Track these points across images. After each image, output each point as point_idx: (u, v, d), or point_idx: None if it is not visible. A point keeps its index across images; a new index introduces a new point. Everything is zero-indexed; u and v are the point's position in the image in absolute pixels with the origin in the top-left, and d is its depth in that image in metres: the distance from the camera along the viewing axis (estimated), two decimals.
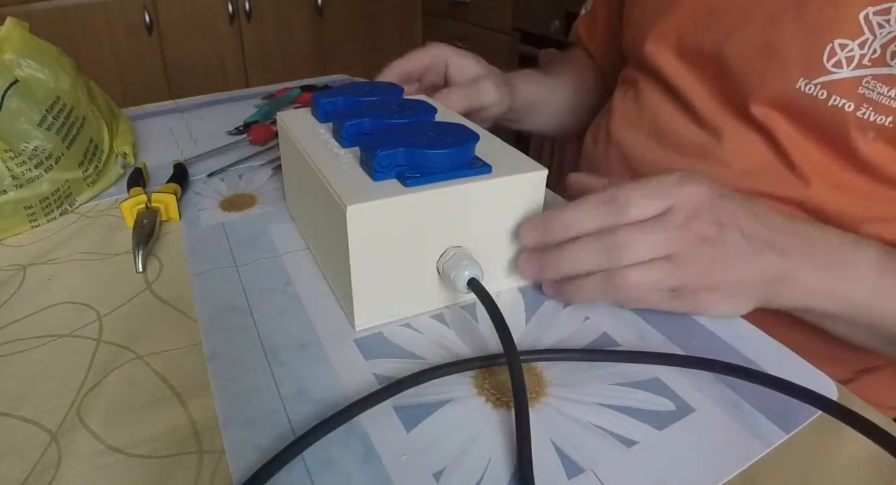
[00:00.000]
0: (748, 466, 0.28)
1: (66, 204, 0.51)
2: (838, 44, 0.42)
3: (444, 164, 0.36)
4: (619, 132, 0.58)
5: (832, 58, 0.42)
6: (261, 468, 0.27)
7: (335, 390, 0.33)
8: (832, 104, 0.42)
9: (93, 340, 0.37)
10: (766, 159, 0.48)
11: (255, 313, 0.39)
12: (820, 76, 0.42)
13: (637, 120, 0.57)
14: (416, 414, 0.31)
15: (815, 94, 0.43)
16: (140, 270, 0.43)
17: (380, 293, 0.36)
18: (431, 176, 0.35)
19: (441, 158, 0.35)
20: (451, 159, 0.36)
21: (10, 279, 0.43)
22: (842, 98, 0.42)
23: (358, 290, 0.36)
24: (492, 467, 0.28)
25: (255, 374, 0.34)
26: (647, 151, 0.55)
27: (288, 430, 0.30)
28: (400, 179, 0.35)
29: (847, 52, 0.41)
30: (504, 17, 1.87)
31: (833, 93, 0.42)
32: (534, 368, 0.34)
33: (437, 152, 0.35)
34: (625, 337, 0.36)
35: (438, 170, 0.35)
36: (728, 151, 0.49)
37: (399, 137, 0.36)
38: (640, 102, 0.57)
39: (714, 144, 0.50)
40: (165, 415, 0.31)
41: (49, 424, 0.31)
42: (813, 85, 0.43)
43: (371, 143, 0.36)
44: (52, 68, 0.50)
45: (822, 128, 0.44)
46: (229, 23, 1.99)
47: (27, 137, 0.47)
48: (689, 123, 0.52)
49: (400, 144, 0.35)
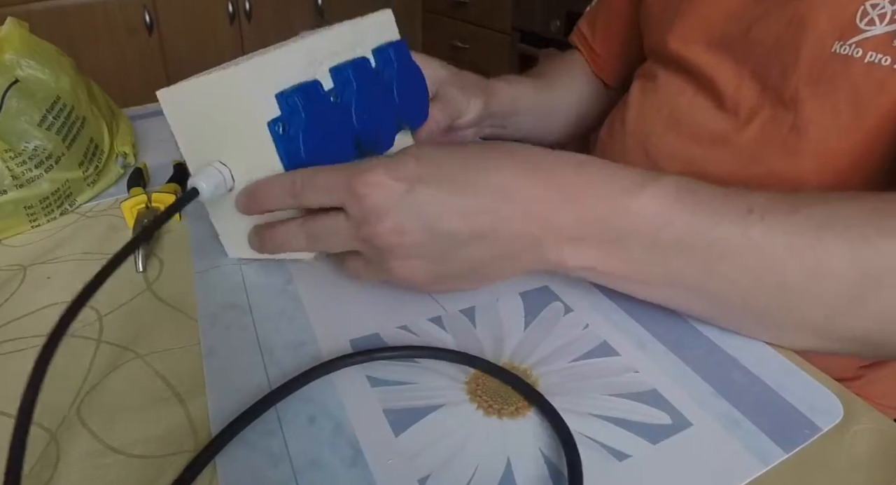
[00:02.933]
0: (745, 481, 0.28)
1: (66, 204, 0.51)
2: (869, 5, 0.42)
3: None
4: (636, 124, 0.58)
5: (864, 17, 0.42)
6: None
7: (327, 390, 0.33)
8: (868, 61, 0.43)
9: (93, 340, 0.37)
10: (784, 141, 0.48)
11: (254, 312, 0.39)
12: (854, 36, 0.43)
13: (655, 111, 0.57)
14: (406, 418, 0.31)
15: (851, 53, 0.43)
16: (140, 269, 0.43)
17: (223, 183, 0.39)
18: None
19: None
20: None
21: (11, 279, 0.43)
22: (877, 53, 0.42)
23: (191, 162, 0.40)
24: (478, 476, 0.28)
25: (249, 372, 0.34)
26: (665, 140, 0.56)
27: (277, 428, 0.30)
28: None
29: (879, 10, 0.42)
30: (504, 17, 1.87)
31: (868, 49, 0.42)
32: (530, 376, 0.34)
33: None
34: (624, 346, 0.36)
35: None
36: (748, 137, 0.50)
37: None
38: (658, 94, 0.57)
39: (735, 132, 0.50)
40: (165, 415, 0.31)
41: (49, 423, 0.31)
42: (848, 46, 0.43)
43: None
44: (53, 68, 0.50)
45: (855, 95, 0.44)
46: (229, 23, 1.99)
47: (27, 137, 0.47)
48: (712, 109, 0.52)
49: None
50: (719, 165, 0.51)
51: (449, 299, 0.39)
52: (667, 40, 0.55)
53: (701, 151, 0.52)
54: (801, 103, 0.46)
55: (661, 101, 0.57)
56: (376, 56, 0.46)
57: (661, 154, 0.55)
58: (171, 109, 0.38)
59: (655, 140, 0.56)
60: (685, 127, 0.54)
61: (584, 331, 0.37)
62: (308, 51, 0.40)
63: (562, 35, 1.62)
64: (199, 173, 0.38)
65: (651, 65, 0.60)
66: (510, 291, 0.40)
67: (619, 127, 0.61)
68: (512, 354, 0.35)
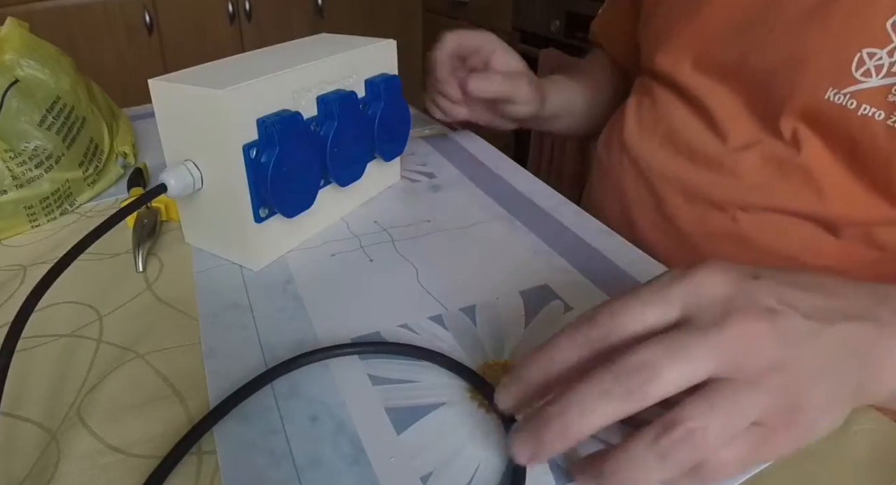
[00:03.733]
0: (745, 479, 0.28)
1: (66, 204, 0.51)
2: (866, 53, 0.41)
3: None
4: (632, 140, 0.58)
5: (861, 67, 0.42)
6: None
7: (328, 388, 0.33)
8: (862, 114, 0.42)
9: (93, 340, 0.37)
10: (785, 174, 0.47)
11: (254, 311, 0.39)
12: (849, 86, 0.42)
13: (651, 128, 0.57)
14: (408, 416, 0.31)
15: (845, 103, 0.42)
16: (140, 269, 0.43)
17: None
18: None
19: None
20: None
21: (11, 279, 0.43)
22: (871, 107, 0.41)
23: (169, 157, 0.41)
24: (480, 473, 0.28)
25: (250, 372, 0.34)
26: (660, 158, 0.55)
27: (279, 427, 0.30)
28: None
29: (876, 61, 0.41)
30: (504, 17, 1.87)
31: (862, 102, 0.42)
32: None
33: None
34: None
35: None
36: (743, 164, 0.49)
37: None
38: (655, 110, 0.57)
39: (728, 156, 0.50)
40: (165, 415, 0.31)
41: (49, 423, 0.31)
42: (842, 94, 0.42)
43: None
44: (53, 68, 0.50)
45: (851, 141, 0.43)
46: (229, 23, 1.99)
47: (27, 137, 0.47)
48: (705, 131, 0.52)
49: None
50: (718, 189, 0.51)
51: (449, 298, 0.39)
52: (654, 58, 0.55)
53: (697, 172, 0.52)
54: (802, 142, 0.46)
55: (656, 119, 0.57)
56: (367, 87, 0.48)
57: (656, 174, 0.55)
58: (159, 101, 0.40)
59: (650, 158, 0.56)
60: (681, 146, 0.54)
61: None
62: (298, 79, 0.41)
63: (562, 35, 1.62)
64: (171, 170, 0.39)
65: (645, 79, 0.60)
66: (510, 289, 0.40)
67: (615, 143, 0.61)
68: (512, 352, 0.35)
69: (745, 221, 0.50)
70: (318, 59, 0.43)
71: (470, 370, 0.33)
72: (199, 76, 0.39)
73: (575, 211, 0.50)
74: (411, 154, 0.61)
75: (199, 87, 0.37)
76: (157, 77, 0.39)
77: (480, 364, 0.34)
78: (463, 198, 0.52)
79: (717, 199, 0.51)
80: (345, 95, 0.44)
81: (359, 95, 0.46)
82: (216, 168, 0.39)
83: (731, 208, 0.50)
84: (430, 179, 0.56)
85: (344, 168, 0.46)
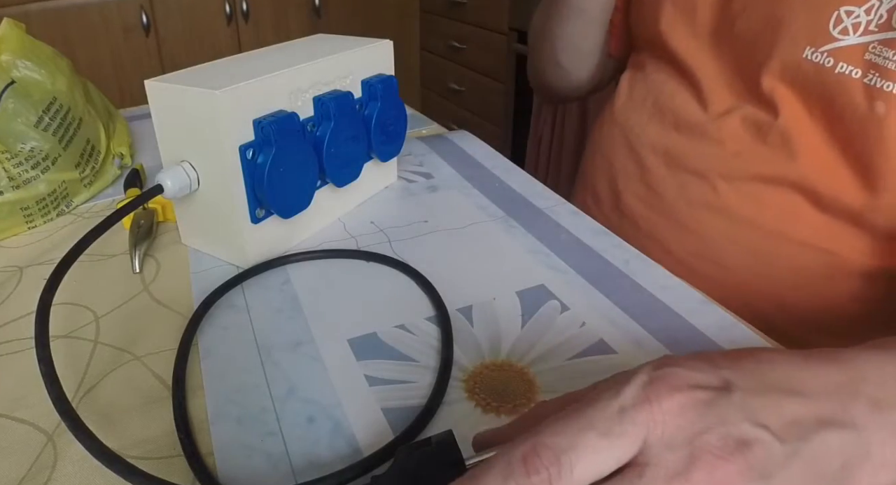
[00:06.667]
0: None
1: (62, 205, 0.51)
2: (844, 11, 0.42)
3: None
4: (623, 114, 0.59)
5: (838, 25, 0.42)
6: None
7: (325, 389, 0.33)
8: (839, 71, 0.42)
9: (90, 341, 0.37)
10: (763, 138, 0.48)
11: (251, 312, 0.39)
12: (826, 44, 0.43)
13: (641, 100, 0.58)
14: (405, 416, 0.31)
15: (822, 61, 0.43)
16: (137, 271, 0.43)
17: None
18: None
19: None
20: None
21: (8, 280, 0.43)
22: (848, 65, 0.42)
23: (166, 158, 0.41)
24: None
25: (247, 372, 0.34)
26: (649, 129, 0.56)
27: (276, 428, 0.30)
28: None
29: (853, 19, 0.41)
30: (501, 17, 1.87)
31: (839, 60, 0.42)
32: (526, 373, 0.34)
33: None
34: (621, 344, 0.36)
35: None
36: (724, 130, 0.50)
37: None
38: (646, 84, 0.58)
39: (712, 123, 0.51)
40: (162, 416, 0.31)
41: (45, 425, 0.31)
42: (819, 53, 0.43)
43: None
44: (49, 69, 0.50)
45: (829, 101, 0.44)
46: (226, 24, 1.99)
47: (24, 138, 0.47)
48: (691, 100, 0.53)
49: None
50: (700, 157, 0.52)
51: (446, 298, 0.39)
52: (657, 26, 0.56)
53: (680, 140, 0.53)
54: (780, 105, 0.46)
55: (646, 91, 0.58)
56: (364, 88, 0.48)
57: (644, 144, 0.56)
58: (155, 102, 0.40)
59: (639, 130, 0.57)
60: (667, 116, 0.55)
61: (581, 329, 0.37)
62: (295, 79, 0.41)
63: None
64: (167, 171, 0.39)
65: (639, 54, 0.61)
66: (507, 289, 0.40)
67: (607, 118, 0.62)
68: (509, 352, 0.35)
69: (725, 191, 0.50)
70: (314, 60, 0.43)
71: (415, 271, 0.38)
72: (196, 77, 0.39)
73: (571, 211, 0.50)
74: (408, 154, 0.61)
75: (196, 87, 0.37)
76: (154, 78, 0.39)
77: (477, 364, 0.34)
78: (460, 198, 0.53)
79: (699, 167, 0.51)
80: (341, 96, 0.44)
81: (355, 96, 0.46)
82: (213, 169, 0.40)
83: (711, 176, 0.51)
84: (427, 180, 0.56)
85: (340, 169, 0.46)
